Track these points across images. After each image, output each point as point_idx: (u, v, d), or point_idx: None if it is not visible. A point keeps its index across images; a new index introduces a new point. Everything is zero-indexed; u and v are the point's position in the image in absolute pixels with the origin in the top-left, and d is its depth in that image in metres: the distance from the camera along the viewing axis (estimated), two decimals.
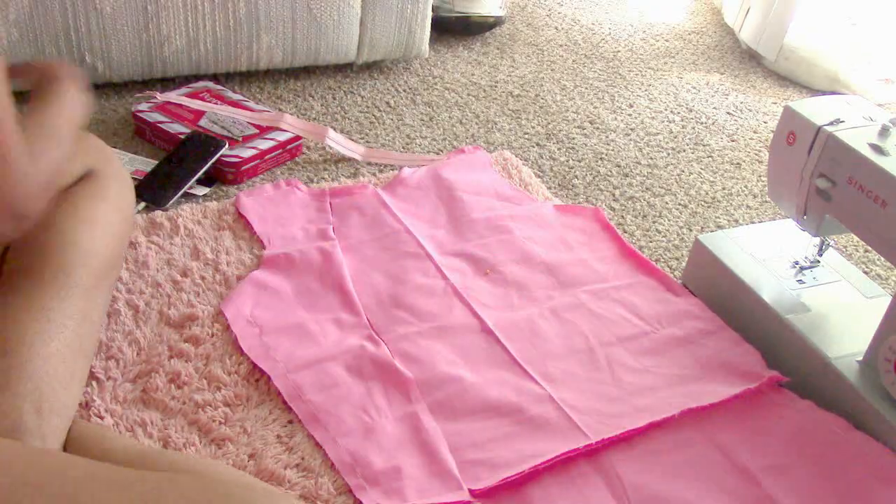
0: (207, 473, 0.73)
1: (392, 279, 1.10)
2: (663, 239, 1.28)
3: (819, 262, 1.09)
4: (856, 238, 1.31)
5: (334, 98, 1.55)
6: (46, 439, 0.75)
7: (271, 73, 1.59)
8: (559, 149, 1.49)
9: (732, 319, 1.08)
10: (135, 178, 1.19)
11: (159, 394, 0.90)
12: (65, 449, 0.78)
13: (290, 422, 0.89)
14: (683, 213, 1.35)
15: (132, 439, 0.83)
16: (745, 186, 1.45)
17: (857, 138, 0.93)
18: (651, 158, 1.50)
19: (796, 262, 1.09)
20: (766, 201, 1.41)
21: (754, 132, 1.63)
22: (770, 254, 1.11)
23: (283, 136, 1.33)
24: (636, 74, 1.80)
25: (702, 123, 1.64)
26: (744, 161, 1.52)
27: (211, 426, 0.87)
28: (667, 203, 1.37)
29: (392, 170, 1.35)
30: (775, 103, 1.76)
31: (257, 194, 1.22)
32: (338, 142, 1.38)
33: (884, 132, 0.93)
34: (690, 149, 1.54)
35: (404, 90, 1.62)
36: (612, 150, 1.50)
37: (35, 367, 0.76)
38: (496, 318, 1.05)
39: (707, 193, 1.41)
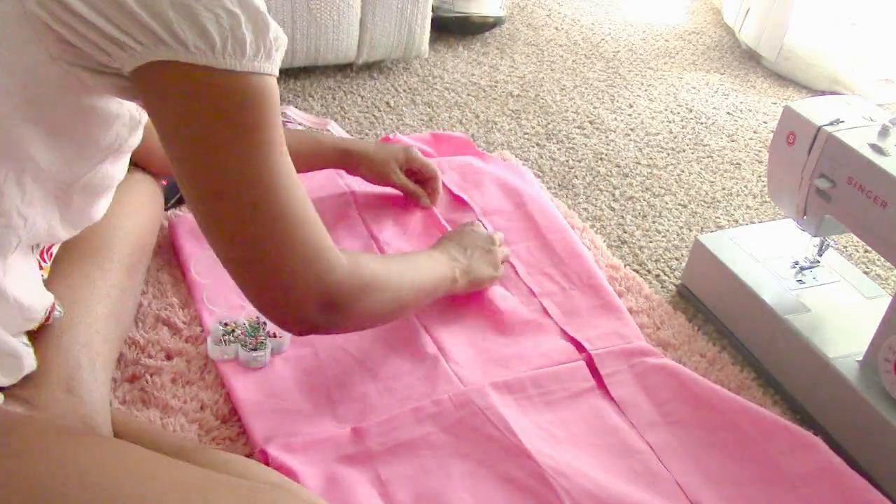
0: (249, 470, 0.73)
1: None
2: (663, 239, 1.28)
3: (819, 262, 1.09)
4: (856, 238, 1.31)
5: (334, 98, 1.56)
6: (99, 391, 0.80)
7: None
8: (559, 149, 1.49)
9: (732, 320, 1.08)
10: None
11: (160, 393, 0.90)
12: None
13: None
14: (683, 213, 1.35)
15: (171, 432, 0.85)
16: (745, 186, 1.45)
17: (857, 138, 0.93)
18: (651, 158, 1.50)
19: (796, 263, 1.09)
20: (766, 201, 1.41)
21: (754, 132, 1.63)
22: (770, 254, 1.11)
23: None
24: (636, 74, 1.80)
25: (702, 123, 1.64)
26: (744, 161, 1.53)
27: (212, 425, 0.87)
28: (667, 203, 1.37)
29: None
30: (775, 103, 1.76)
31: None
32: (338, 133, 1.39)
33: (884, 132, 0.93)
34: (690, 149, 1.54)
35: (404, 90, 1.62)
36: (612, 151, 1.50)
37: (86, 324, 0.83)
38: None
39: (707, 193, 1.42)
